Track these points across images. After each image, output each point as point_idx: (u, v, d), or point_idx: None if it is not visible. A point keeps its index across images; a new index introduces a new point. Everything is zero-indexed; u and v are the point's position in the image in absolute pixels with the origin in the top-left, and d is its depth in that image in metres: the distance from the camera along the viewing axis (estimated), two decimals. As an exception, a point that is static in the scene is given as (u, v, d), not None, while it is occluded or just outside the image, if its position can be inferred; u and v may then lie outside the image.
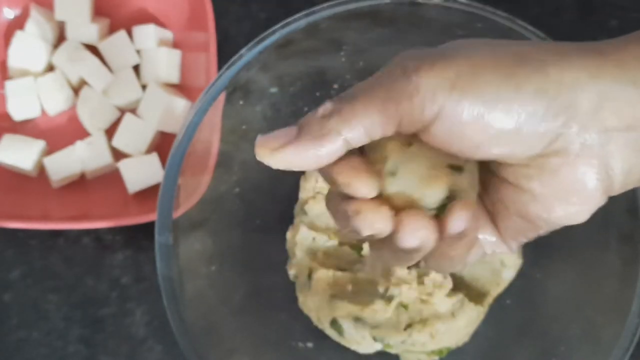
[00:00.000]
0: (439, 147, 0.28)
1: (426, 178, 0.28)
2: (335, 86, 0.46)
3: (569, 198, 0.28)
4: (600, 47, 0.28)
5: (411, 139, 0.29)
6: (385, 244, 0.29)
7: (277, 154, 0.28)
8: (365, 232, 0.28)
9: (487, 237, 0.31)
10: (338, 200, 0.29)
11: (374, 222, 0.28)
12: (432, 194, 0.28)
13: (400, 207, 0.28)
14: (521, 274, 0.47)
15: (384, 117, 0.27)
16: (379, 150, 0.29)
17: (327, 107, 0.28)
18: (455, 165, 0.29)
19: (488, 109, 0.27)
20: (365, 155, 0.29)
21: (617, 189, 0.29)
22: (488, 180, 0.30)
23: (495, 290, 0.47)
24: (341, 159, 0.28)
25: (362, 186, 0.28)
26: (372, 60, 0.45)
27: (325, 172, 0.29)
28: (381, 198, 0.28)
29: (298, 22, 0.40)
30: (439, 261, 0.30)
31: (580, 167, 0.28)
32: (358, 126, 0.27)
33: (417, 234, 0.27)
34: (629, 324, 0.39)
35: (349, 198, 0.28)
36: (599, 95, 0.27)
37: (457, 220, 0.27)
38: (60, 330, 0.50)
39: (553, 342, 0.43)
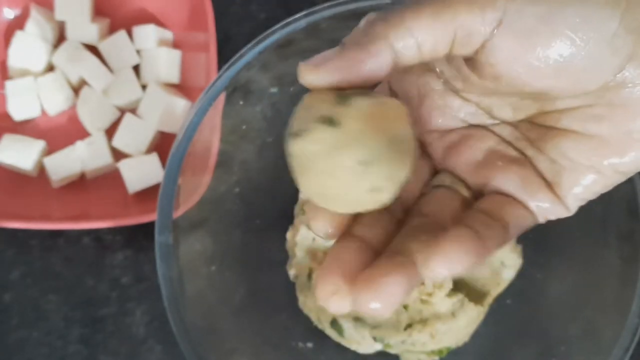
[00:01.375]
0: (500, 75, 0.25)
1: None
2: (336, 86, 0.46)
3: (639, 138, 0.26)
4: None
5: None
6: None
7: (320, 70, 0.25)
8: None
9: (539, 204, 0.28)
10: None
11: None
12: None
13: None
14: (521, 274, 0.47)
15: (438, 26, 0.25)
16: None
17: (371, 16, 0.26)
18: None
19: (555, 13, 0.24)
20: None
21: None
22: (544, 136, 0.28)
23: (495, 290, 0.47)
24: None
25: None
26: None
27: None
28: None
29: (298, 22, 0.40)
30: None
31: None
32: (407, 34, 0.25)
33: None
34: (629, 323, 0.39)
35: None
36: None
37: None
38: (60, 330, 0.50)
39: (553, 342, 0.43)
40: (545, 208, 0.28)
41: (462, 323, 0.45)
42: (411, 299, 0.45)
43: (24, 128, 0.52)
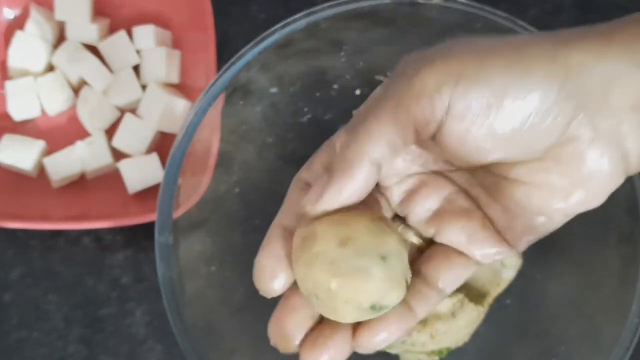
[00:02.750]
0: (455, 151, 0.28)
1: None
2: (335, 86, 0.46)
3: (587, 183, 0.28)
4: (603, 29, 0.28)
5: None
6: None
7: (321, 204, 0.28)
8: None
9: (485, 252, 0.31)
10: None
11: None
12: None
13: None
14: (521, 274, 0.47)
15: (399, 125, 0.27)
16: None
17: (341, 138, 0.29)
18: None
19: (498, 97, 0.26)
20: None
21: (634, 168, 0.28)
22: (498, 185, 0.30)
23: (495, 291, 0.46)
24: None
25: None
26: (372, 60, 0.45)
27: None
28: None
29: (298, 22, 0.40)
30: None
31: (596, 152, 0.27)
32: (377, 142, 0.27)
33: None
34: (629, 323, 0.39)
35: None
36: (607, 78, 0.27)
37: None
38: (60, 330, 0.50)
39: (553, 342, 0.43)
40: (492, 253, 0.31)
41: (462, 323, 0.45)
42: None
43: (24, 128, 0.52)
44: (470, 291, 0.46)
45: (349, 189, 0.28)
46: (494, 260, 0.31)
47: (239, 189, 0.46)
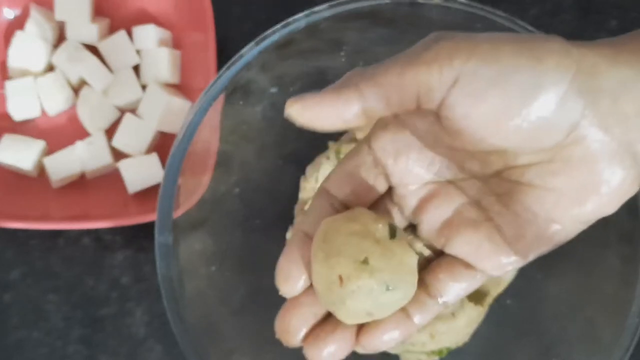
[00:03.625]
0: (457, 128, 0.28)
1: None
2: (335, 86, 0.46)
3: (599, 189, 0.28)
4: (611, 40, 0.28)
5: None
6: None
7: (300, 104, 0.29)
8: None
9: (493, 263, 0.31)
10: None
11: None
12: None
13: None
14: (521, 274, 0.47)
15: (403, 83, 0.27)
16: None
17: (354, 69, 0.29)
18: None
19: (507, 76, 0.26)
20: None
21: None
22: (510, 191, 0.30)
23: (495, 290, 0.47)
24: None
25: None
26: (372, 60, 0.44)
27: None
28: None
29: (298, 23, 0.40)
30: None
31: (605, 156, 0.27)
32: (375, 87, 0.28)
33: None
34: (629, 323, 0.39)
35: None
36: (618, 83, 0.27)
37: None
38: (60, 330, 0.50)
39: (553, 342, 0.43)
40: (501, 264, 0.31)
41: (461, 323, 0.45)
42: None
43: (24, 128, 0.52)
44: (470, 291, 0.46)
45: (331, 103, 0.28)
46: (502, 273, 0.31)
47: (239, 189, 0.46)
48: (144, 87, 0.52)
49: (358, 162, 0.32)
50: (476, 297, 0.46)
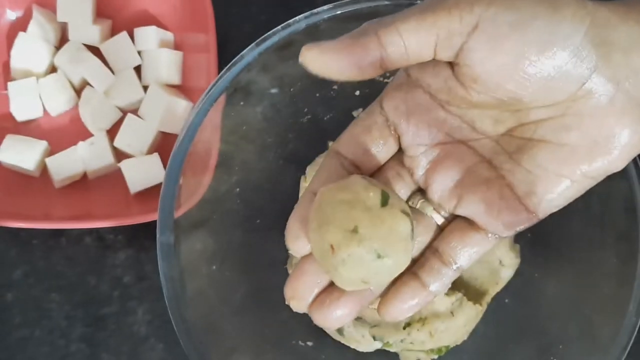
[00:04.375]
0: (476, 76, 0.28)
1: None
2: (335, 86, 0.47)
3: (609, 144, 0.28)
4: (625, 1, 0.29)
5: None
6: None
7: (316, 50, 0.28)
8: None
9: (504, 220, 0.31)
10: None
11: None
12: None
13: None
14: (519, 273, 0.47)
15: (423, 28, 0.27)
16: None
17: (371, 20, 0.29)
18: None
19: (525, 23, 0.27)
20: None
21: None
22: (522, 148, 0.30)
23: (493, 289, 0.47)
24: None
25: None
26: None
27: None
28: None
29: (298, 24, 0.40)
30: None
31: (617, 110, 0.28)
32: (395, 34, 0.28)
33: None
34: (627, 322, 0.39)
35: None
36: (629, 37, 0.27)
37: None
38: (62, 328, 0.50)
39: (551, 341, 0.43)
40: (513, 222, 0.31)
41: (460, 322, 0.45)
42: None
43: (27, 128, 0.53)
44: (468, 290, 0.46)
45: (349, 50, 0.28)
46: (512, 232, 0.31)
47: (240, 188, 0.46)
48: (145, 87, 0.52)
49: (369, 123, 0.32)
50: (475, 295, 0.46)
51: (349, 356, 0.47)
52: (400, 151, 0.33)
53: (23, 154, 0.50)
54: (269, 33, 0.40)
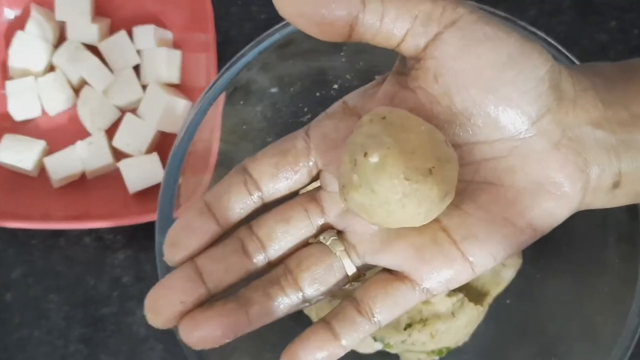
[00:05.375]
0: (440, 72, 0.27)
1: None
2: (335, 86, 0.47)
3: (551, 190, 0.28)
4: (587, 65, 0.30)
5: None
6: None
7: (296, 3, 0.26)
8: None
9: (435, 270, 0.28)
10: None
11: None
12: None
13: None
14: (521, 274, 0.47)
15: (404, 2, 0.27)
16: None
17: None
18: None
19: (500, 37, 0.27)
20: None
21: (592, 187, 0.28)
22: (463, 191, 0.29)
23: (495, 290, 0.47)
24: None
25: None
26: (372, 60, 0.45)
27: None
28: None
29: (298, 23, 0.40)
30: None
31: (561, 155, 0.28)
32: (375, 5, 0.26)
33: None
34: (629, 323, 0.39)
35: None
36: (573, 88, 0.28)
37: None
38: (61, 329, 0.50)
39: (553, 342, 0.43)
40: (446, 273, 0.28)
41: (461, 323, 0.45)
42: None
43: (25, 128, 0.53)
44: (470, 291, 0.46)
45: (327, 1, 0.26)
46: (445, 289, 0.28)
47: (239, 188, 0.46)
48: (144, 87, 0.52)
49: (288, 146, 0.30)
50: (476, 296, 0.46)
51: (349, 357, 0.47)
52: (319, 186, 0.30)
53: (21, 153, 0.50)
54: (268, 32, 0.40)
